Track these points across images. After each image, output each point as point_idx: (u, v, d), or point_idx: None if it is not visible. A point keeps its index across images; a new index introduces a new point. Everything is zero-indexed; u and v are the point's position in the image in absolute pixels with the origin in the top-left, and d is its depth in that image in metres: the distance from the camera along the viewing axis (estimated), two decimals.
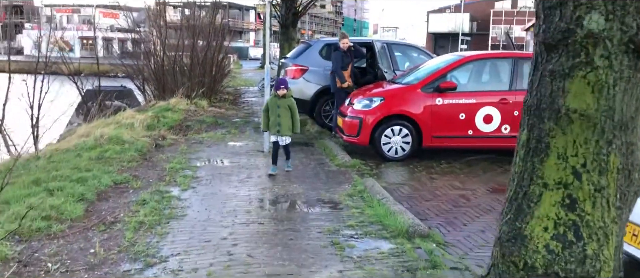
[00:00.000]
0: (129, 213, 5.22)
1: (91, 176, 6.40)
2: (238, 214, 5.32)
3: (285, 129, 6.94)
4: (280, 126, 6.91)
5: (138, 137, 9.29)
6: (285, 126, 6.94)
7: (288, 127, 6.96)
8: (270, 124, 7.02)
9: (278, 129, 6.93)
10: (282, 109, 6.87)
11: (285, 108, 6.88)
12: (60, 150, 8.12)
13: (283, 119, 6.89)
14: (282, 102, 6.86)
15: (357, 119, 8.15)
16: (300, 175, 7.07)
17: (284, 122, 6.90)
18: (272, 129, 7.01)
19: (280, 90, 6.81)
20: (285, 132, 6.95)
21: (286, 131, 6.95)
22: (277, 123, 6.91)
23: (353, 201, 5.81)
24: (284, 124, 6.92)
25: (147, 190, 6.08)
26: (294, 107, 6.95)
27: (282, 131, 6.93)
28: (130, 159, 7.59)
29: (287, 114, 6.90)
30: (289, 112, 6.91)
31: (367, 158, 8.34)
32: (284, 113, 6.88)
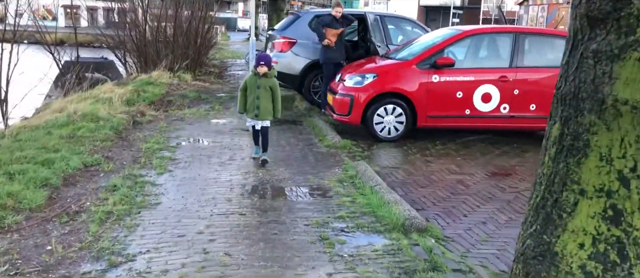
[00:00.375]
0: (96, 202, 4.72)
1: (59, 158, 5.86)
2: (217, 203, 4.84)
3: (265, 113, 6.05)
4: (259, 109, 6.01)
5: (115, 113, 8.73)
6: (265, 109, 6.03)
7: (268, 111, 6.06)
8: (248, 107, 6.10)
9: (256, 113, 6.04)
10: (262, 89, 5.96)
11: (265, 88, 5.97)
12: (29, 127, 7.55)
13: (262, 102, 5.99)
14: (263, 82, 5.95)
15: (348, 97, 7.65)
16: (286, 157, 6.59)
17: (263, 104, 6.00)
18: (250, 112, 6.10)
19: (260, 67, 5.90)
20: (265, 116, 6.07)
21: (265, 115, 6.07)
22: (256, 106, 6.00)
23: (344, 188, 5.35)
24: (263, 107, 6.01)
25: (119, 174, 5.57)
26: (276, 88, 6.06)
27: (260, 115, 6.05)
28: (104, 138, 7.05)
29: (267, 95, 6.00)
30: (269, 93, 6.01)
31: (358, 138, 7.87)
32: (264, 95, 5.98)
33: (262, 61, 5.91)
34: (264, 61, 5.93)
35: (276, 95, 6.05)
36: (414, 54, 7.87)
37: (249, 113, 6.11)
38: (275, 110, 6.12)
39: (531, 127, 7.97)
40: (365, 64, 8.40)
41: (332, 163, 6.38)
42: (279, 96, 6.09)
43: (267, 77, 5.96)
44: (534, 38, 7.98)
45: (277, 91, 6.07)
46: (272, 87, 6.01)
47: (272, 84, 6.01)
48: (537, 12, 33.95)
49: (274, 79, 6.04)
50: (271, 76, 6.00)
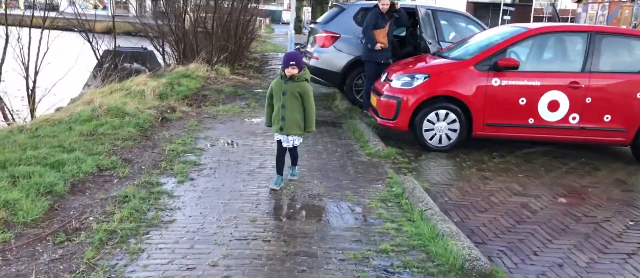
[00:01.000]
0: (101, 216, 4.10)
1: (72, 159, 5.30)
2: (240, 223, 4.15)
3: (292, 126, 4.82)
4: (284, 120, 4.82)
5: (144, 108, 8.19)
6: (292, 121, 4.80)
7: (295, 123, 4.82)
8: (273, 117, 4.95)
9: (281, 125, 4.85)
10: (289, 96, 4.76)
11: (293, 95, 4.76)
12: (51, 121, 7.07)
13: (289, 111, 4.78)
14: (290, 87, 4.74)
15: (395, 100, 6.83)
16: (322, 166, 5.85)
17: (289, 115, 4.78)
18: (275, 124, 4.92)
19: (288, 69, 4.72)
20: (292, 130, 4.83)
21: (293, 128, 4.83)
22: (281, 117, 4.83)
23: (388, 210, 4.56)
24: (289, 118, 4.79)
25: (134, 181, 4.95)
26: (307, 94, 4.79)
27: (286, 128, 4.83)
28: (126, 137, 6.48)
29: (296, 104, 4.79)
30: (299, 102, 4.79)
31: (404, 145, 7.06)
32: (292, 103, 4.78)
33: (293, 61, 4.72)
34: (294, 60, 4.72)
35: (308, 104, 4.81)
36: (471, 54, 6.97)
37: (274, 125, 4.96)
38: (307, 123, 4.88)
39: (604, 141, 6.95)
40: (414, 62, 7.56)
41: (374, 175, 5.59)
42: (312, 105, 4.84)
43: (296, 80, 4.77)
44: (612, 39, 6.94)
45: (310, 99, 4.81)
46: (302, 94, 4.78)
47: (303, 89, 4.78)
48: (597, 10, 31.94)
49: (305, 84, 4.81)
50: (302, 78, 4.80)
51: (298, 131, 4.89)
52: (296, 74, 4.74)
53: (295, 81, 4.76)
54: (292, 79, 4.75)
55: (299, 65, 4.75)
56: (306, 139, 6.95)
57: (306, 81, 4.85)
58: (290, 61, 4.71)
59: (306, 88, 4.80)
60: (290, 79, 4.75)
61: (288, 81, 4.76)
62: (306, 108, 4.85)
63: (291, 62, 4.71)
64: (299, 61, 4.75)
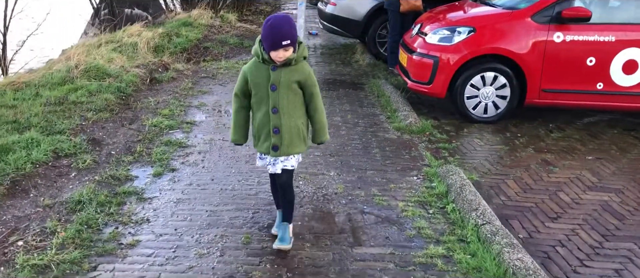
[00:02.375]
0: (36, 238, 2.98)
1: (23, 142, 4.17)
2: (227, 247, 3.00)
3: (291, 143, 2.87)
4: (280, 135, 2.83)
5: (131, 66, 6.98)
6: (292, 132, 2.86)
7: (298, 134, 2.88)
8: (256, 129, 2.91)
9: (274, 142, 2.85)
10: (284, 91, 2.80)
11: (289, 88, 2.81)
12: (17, 85, 5.91)
13: (286, 118, 2.82)
14: (283, 75, 2.78)
15: (431, 59, 5.51)
16: (341, 147, 4.64)
17: (288, 123, 2.83)
18: (259, 140, 2.92)
19: (279, 51, 2.71)
20: (291, 148, 2.88)
21: (294, 144, 2.88)
22: (272, 128, 2.83)
23: (429, 221, 3.37)
24: (288, 128, 2.84)
25: (95, 175, 3.82)
26: (313, 83, 2.87)
27: (283, 148, 2.85)
28: (101, 107, 5.31)
29: (294, 103, 2.84)
30: (298, 97, 2.85)
31: (440, 115, 5.80)
32: (289, 102, 2.82)
33: (286, 40, 2.68)
34: (289, 39, 2.69)
35: (316, 99, 2.88)
36: (527, 1, 5.56)
37: (257, 142, 2.92)
38: (316, 131, 2.96)
39: None
40: (454, 11, 6.17)
41: (406, 161, 4.38)
42: (320, 99, 2.92)
43: (292, 65, 2.79)
44: None
45: (317, 90, 2.89)
46: (304, 84, 2.83)
47: (304, 76, 2.82)
48: None
49: (306, 66, 2.85)
50: (299, 59, 2.81)
51: (301, 148, 2.90)
52: (291, 57, 2.74)
53: (292, 66, 2.78)
54: (287, 65, 2.77)
55: (294, 42, 2.73)
56: None
57: (303, 60, 2.85)
58: (283, 39, 2.66)
59: (309, 73, 2.83)
60: (285, 65, 2.76)
61: (277, 68, 2.77)
62: (313, 107, 2.88)
63: (284, 42, 2.66)
64: (294, 37, 2.70)
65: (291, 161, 2.93)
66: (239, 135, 2.98)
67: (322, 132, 2.98)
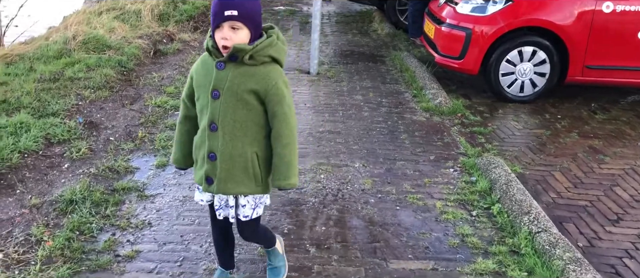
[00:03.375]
0: (17, 249, 2.55)
1: (12, 127, 3.72)
2: (241, 260, 2.56)
3: (232, 175, 1.93)
4: (215, 161, 1.93)
5: (133, 37, 6.48)
6: (232, 162, 1.92)
7: (242, 168, 1.93)
8: (194, 147, 2.03)
9: (207, 170, 1.95)
10: (228, 100, 1.86)
11: (239, 97, 1.86)
12: (10, 58, 5.45)
13: (226, 139, 1.90)
14: (236, 78, 1.85)
15: (463, 32, 4.98)
16: (366, 132, 4.16)
17: (226, 148, 1.90)
18: (196, 166, 2.04)
19: (224, 26, 1.79)
20: (232, 185, 1.95)
21: (234, 180, 1.94)
22: (207, 151, 1.94)
23: (474, 226, 2.91)
24: (226, 155, 1.91)
25: (91, 167, 3.37)
26: (276, 102, 1.87)
27: (220, 181, 1.94)
28: (100, 84, 4.84)
29: (243, 118, 1.88)
30: (250, 112, 1.89)
31: (471, 93, 5.30)
32: (235, 116, 1.88)
33: (231, 10, 1.77)
34: (236, 8, 1.78)
35: (280, 121, 1.89)
36: None
37: (195, 166, 2.05)
38: (276, 168, 1.95)
39: None
40: None
41: (440, 149, 3.90)
42: (290, 124, 1.92)
43: (245, 62, 1.84)
44: None
45: (285, 108, 1.89)
46: (263, 96, 1.87)
47: (266, 85, 1.86)
48: None
49: (272, 71, 1.89)
50: (261, 57, 1.85)
51: (249, 187, 1.96)
52: (243, 48, 1.81)
53: (245, 63, 1.84)
54: (234, 59, 1.84)
55: (250, 19, 1.82)
56: (338, 84, 5.22)
57: (273, 63, 1.90)
58: (227, 7, 1.77)
59: (275, 82, 1.86)
60: (231, 57, 1.84)
61: (224, 64, 1.86)
62: (275, 133, 1.91)
63: (228, 12, 1.77)
64: (249, 10, 1.81)
65: (247, 208, 2.01)
66: (180, 154, 2.07)
67: (284, 172, 1.91)
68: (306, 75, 5.55)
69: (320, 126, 4.24)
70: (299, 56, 6.25)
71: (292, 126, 1.92)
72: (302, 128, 4.19)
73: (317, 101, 4.82)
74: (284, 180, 1.94)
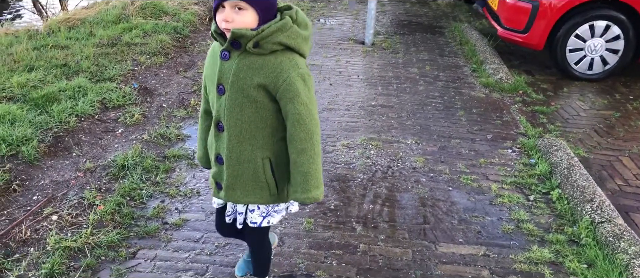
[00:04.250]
0: (71, 212, 2.61)
1: (70, 90, 3.82)
2: (286, 234, 2.53)
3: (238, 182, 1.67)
4: (222, 165, 1.68)
5: (189, 3, 6.51)
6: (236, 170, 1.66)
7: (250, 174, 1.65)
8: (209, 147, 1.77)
9: (214, 175, 1.73)
10: (236, 94, 1.57)
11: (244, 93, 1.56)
12: (72, 22, 5.59)
13: (232, 142, 1.63)
14: (241, 70, 1.54)
15: (529, 4, 4.69)
16: (420, 107, 4.02)
17: (233, 152, 1.64)
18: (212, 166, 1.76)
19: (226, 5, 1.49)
20: (239, 193, 1.69)
21: (236, 190, 1.68)
22: (215, 154, 1.69)
23: (530, 212, 2.76)
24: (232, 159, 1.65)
25: (144, 133, 3.42)
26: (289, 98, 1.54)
27: (225, 189, 1.70)
28: (155, 50, 4.89)
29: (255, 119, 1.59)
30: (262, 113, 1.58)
31: (534, 69, 5.03)
32: (241, 114, 1.58)
33: None
34: None
35: (295, 121, 1.56)
36: None
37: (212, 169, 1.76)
38: (294, 179, 1.63)
39: None
40: None
41: (498, 128, 3.72)
42: (308, 124, 1.57)
43: (254, 54, 1.53)
44: None
45: (300, 107, 1.55)
46: (274, 91, 1.55)
47: (276, 78, 1.53)
48: None
49: (285, 61, 1.53)
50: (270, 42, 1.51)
51: (259, 197, 1.70)
52: (244, 33, 1.49)
53: (250, 52, 1.53)
54: (237, 46, 1.53)
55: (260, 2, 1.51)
56: (393, 55, 5.06)
57: (288, 51, 1.55)
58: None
59: (288, 73, 1.53)
60: (234, 44, 1.53)
61: (229, 53, 1.56)
62: (290, 136, 1.60)
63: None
64: None
65: (256, 214, 1.76)
66: (202, 152, 1.86)
67: (301, 183, 1.61)
68: (360, 46, 5.42)
69: (373, 100, 4.12)
70: (354, 26, 6.10)
71: (309, 129, 1.56)
72: (353, 100, 4.09)
73: (371, 73, 4.69)
74: (302, 193, 1.61)
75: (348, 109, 3.93)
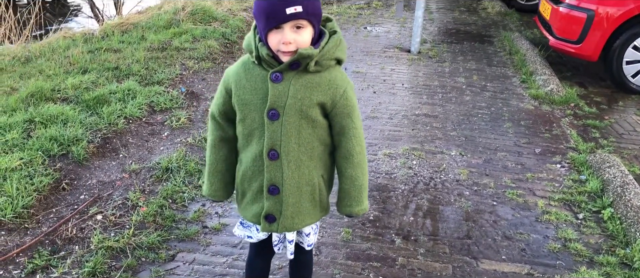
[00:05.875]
0: (115, 212, 2.68)
1: (120, 93, 3.93)
2: (323, 243, 2.51)
3: (297, 214, 1.61)
4: (280, 195, 1.57)
5: (239, 9, 6.62)
6: (298, 196, 1.59)
7: (311, 197, 1.62)
8: (240, 177, 1.64)
9: (265, 207, 1.60)
10: (294, 118, 1.51)
11: (304, 115, 1.51)
12: (125, 26, 5.77)
13: (292, 168, 1.55)
14: (299, 90, 1.49)
15: (584, 13, 4.52)
16: (466, 117, 3.93)
17: (293, 179, 1.56)
18: (243, 199, 1.67)
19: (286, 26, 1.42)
20: (295, 221, 1.62)
21: (299, 216, 1.61)
22: (268, 184, 1.57)
23: (579, 231, 2.64)
24: (293, 187, 1.57)
25: (188, 136, 3.48)
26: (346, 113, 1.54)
27: (282, 220, 1.60)
28: (203, 55, 4.99)
29: (312, 141, 1.55)
30: (318, 132, 1.55)
31: (587, 81, 4.85)
32: (299, 138, 1.53)
33: (295, 5, 1.39)
34: (300, 3, 1.40)
35: (350, 136, 1.56)
36: None
37: (240, 199, 1.69)
38: (345, 193, 1.63)
39: None
40: None
41: (547, 141, 3.59)
42: (360, 138, 1.59)
43: (312, 72, 1.50)
44: None
45: (355, 121, 1.56)
46: (330, 109, 1.53)
47: (334, 94, 1.51)
48: None
49: (338, 75, 1.53)
50: (327, 59, 1.50)
51: (315, 217, 1.66)
52: (310, 53, 1.45)
53: (309, 71, 1.49)
54: (296, 67, 1.48)
55: (318, 14, 1.47)
56: (440, 64, 4.98)
57: (337, 64, 1.55)
58: (288, 3, 1.39)
59: (344, 88, 1.53)
60: (292, 66, 1.48)
61: (281, 74, 1.49)
62: (344, 152, 1.59)
63: (290, 9, 1.39)
64: (311, 4, 1.43)
65: (312, 236, 1.74)
66: (218, 186, 1.70)
67: (356, 197, 1.61)
68: (406, 53, 5.36)
69: (417, 109, 4.06)
70: (401, 34, 6.04)
71: (362, 142, 1.59)
72: (397, 109, 4.04)
73: (416, 81, 4.63)
74: (357, 205, 1.62)
75: (391, 118, 3.89)
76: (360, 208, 1.63)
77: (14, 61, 4.64)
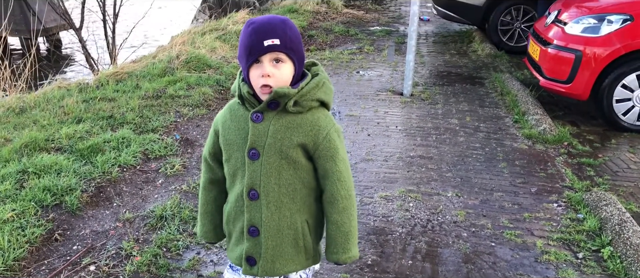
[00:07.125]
0: (108, 262, 2.63)
1: (115, 141, 3.93)
2: None
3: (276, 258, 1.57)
4: (259, 237, 1.55)
5: (232, 56, 6.70)
6: (278, 239, 1.55)
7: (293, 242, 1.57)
8: (226, 217, 1.65)
9: (245, 249, 1.58)
10: (273, 158, 1.50)
11: (284, 155, 1.50)
12: (120, 75, 5.81)
13: (271, 209, 1.53)
14: (279, 131, 1.49)
15: (572, 54, 4.60)
16: (460, 158, 3.94)
17: (273, 220, 1.54)
18: (230, 241, 1.67)
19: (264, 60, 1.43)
20: (275, 265, 1.57)
21: (278, 261, 1.57)
22: (248, 225, 1.55)
23: (579, 272, 2.61)
24: (272, 229, 1.54)
25: (183, 183, 3.46)
26: (329, 156, 1.51)
27: (261, 263, 1.57)
28: (198, 102, 5.02)
29: (293, 182, 1.53)
30: (300, 174, 1.53)
31: (579, 120, 4.89)
32: (279, 179, 1.52)
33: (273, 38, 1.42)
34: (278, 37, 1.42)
35: (335, 180, 1.52)
36: None
37: (228, 240, 1.70)
38: (332, 240, 1.57)
39: None
40: None
41: (542, 180, 3.59)
42: (347, 183, 1.54)
43: (292, 112, 1.49)
44: None
45: (340, 164, 1.52)
46: (313, 151, 1.51)
47: (316, 136, 1.50)
48: None
49: (322, 116, 1.52)
50: (308, 101, 1.49)
51: (299, 263, 1.61)
52: (286, 92, 1.45)
53: (288, 111, 1.49)
54: (275, 106, 1.49)
55: (298, 51, 1.47)
56: (432, 106, 5.02)
57: (321, 107, 1.54)
58: (266, 36, 1.42)
59: (328, 131, 1.51)
60: (270, 105, 1.48)
61: (262, 114, 1.50)
62: (329, 196, 1.55)
63: (268, 41, 1.42)
64: (291, 41, 1.44)
65: None
66: (209, 227, 1.72)
67: (342, 244, 1.56)
68: (399, 96, 5.41)
69: (412, 151, 4.07)
70: (393, 77, 6.12)
71: (348, 186, 1.53)
72: (391, 151, 4.05)
73: (409, 123, 4.66)
74: (343, 253, 1.56)
75: (386, 160, 3.89)
76: (347, 256, 1.56)
77: (8, 112, 4.65)
